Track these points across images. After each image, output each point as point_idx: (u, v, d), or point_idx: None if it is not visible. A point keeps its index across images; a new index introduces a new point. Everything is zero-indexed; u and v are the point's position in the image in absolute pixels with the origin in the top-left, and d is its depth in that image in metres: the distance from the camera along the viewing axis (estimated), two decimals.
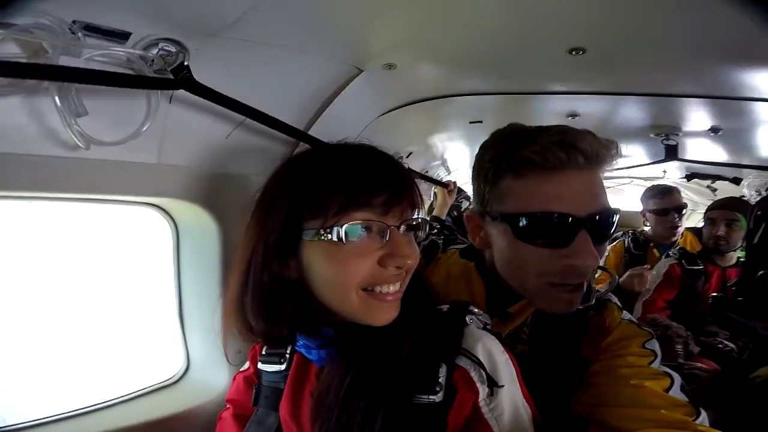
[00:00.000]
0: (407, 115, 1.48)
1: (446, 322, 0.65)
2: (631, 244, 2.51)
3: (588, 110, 1.54)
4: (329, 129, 1.20)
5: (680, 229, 2.39)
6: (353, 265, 0.58)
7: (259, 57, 0.94)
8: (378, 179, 0.59)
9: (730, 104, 1.43)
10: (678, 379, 0.69)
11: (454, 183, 2.26)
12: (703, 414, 0.64)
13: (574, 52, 0.99)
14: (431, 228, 1.08)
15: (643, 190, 3.08)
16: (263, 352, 0.75)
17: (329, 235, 0.57)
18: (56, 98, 0.68)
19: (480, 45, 1.03)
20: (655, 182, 2.84)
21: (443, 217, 2.13)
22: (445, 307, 0.68)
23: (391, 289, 0.61)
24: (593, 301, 0.79)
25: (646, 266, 2.24)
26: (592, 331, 0.77)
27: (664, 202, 2.33)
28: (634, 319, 0.82)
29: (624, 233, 2.59)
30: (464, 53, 1.08)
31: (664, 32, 0.95)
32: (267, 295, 0.62)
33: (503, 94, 1.35)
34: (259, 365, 0.75)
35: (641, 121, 1.64)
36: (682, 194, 2.42)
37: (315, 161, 0.64)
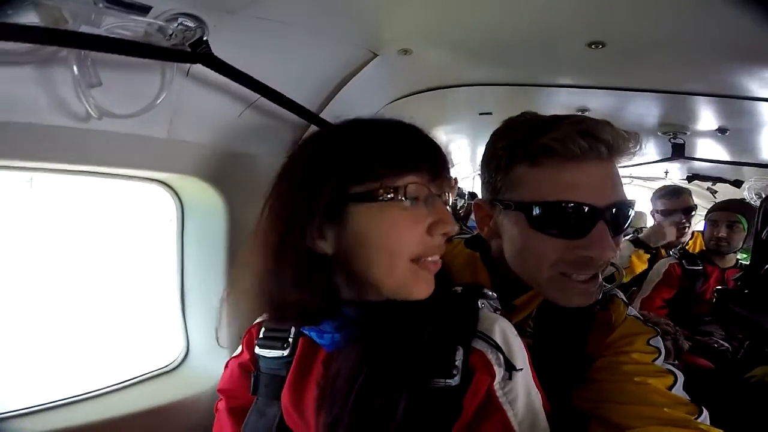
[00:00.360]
0: (416, 104, 1.46)
1: (461, 304, 0.64)
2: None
3: (598, 105, 1.53)
4: (340, 112, 1.17)
5: (689, 230, 2.36)
6: (406, 231, 0.56)
7: (275, 36, 0.93)
8: (425, 146, 0.59)
9: (738, 104, 1.43)
10: (681, 377, 0.69)
11: (455, 179, 2.23)
12: (705, 413, 0.64)
13: (593, 46, 0.98)
14: None
15: (642, 190, 3.09)
16: (261, 336, 0.71)
17: (389, 194, 0.55)
18: (74, 67, 0.66)
19: (499, 34, 1.02)
20: (656, 183, 2.85)
21: None
22: (459, 289, 0.67)
23: (436, 258, 0.60)
24: (600, 296, 0.78)
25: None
26: (597, 326, 0.76)
27: (672, 203, 2.30)
28: (640, 315, 0.82)
29: (635, 231, 2.56)
30: (482, 42, 1.07)
31: (681, 30, 0.94)
32: (305, 267, 0.58)
33: (516, 86, 1.33)
34: (257, 350, 0.71)
35: (650, 119, 1.64)
36: None
37: (355, 130, 0.62)
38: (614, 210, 0.66)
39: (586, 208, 0.65)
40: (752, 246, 0.99)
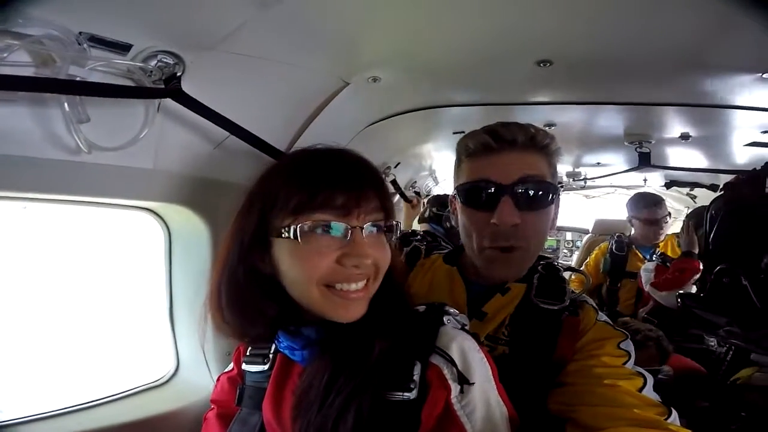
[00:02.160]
0: (393, 127, 1.54)
1: (422, 322, 0.67)
2: (614, 245, 2.65)
3: (564, 120, 1.62)
4: (317, 139, 1.25)
5: (664, 234, 2.55)
6: (310, 263, 0.61)
7: (250, 69, 1.01)
8: (337, 180, 0.62)
9: (698, 112, 1.51)
10: (651, 379, 0.73)
11: (418, 199, 2.38)
12: (674, 413, 0.67)
13: (542, 64, 1.07)
14: (413, 234, 1.14)
15: (625, 198, 3.18)
16: (247, 353, 0.77)
17: (287, 234, 0.60)
18: (65, 104, 0.73)
19: (456, 59, 1.10)
20: (637, 190, 2.94)
21: (409, 230, 2.16)
22: (421, 308, 0.71)
23: (353, 287, 0.62)
24: (567, 302, 0.83)
25: None
26: (565, 331, 0.80)
27: (655, 213, 2.47)
28: (610, 321, 0.85)
29: (611, 236, 2.75)
30: (443, 67, 1.16)
31: (629, 43, 1.02)
32: (241, 290, 0.65)
33: (482, 105, 1.42)
34: (243, 366, 0.76)
35: (615, 129, 1.72)
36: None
37: (284, 164, 0.68)
38: (519, 186, 0.80)
39: (494, 185, 0.80)
40: (704, 251, 1.05)
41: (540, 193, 0.81)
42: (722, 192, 1.21)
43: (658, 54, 1.08)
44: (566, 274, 0.90)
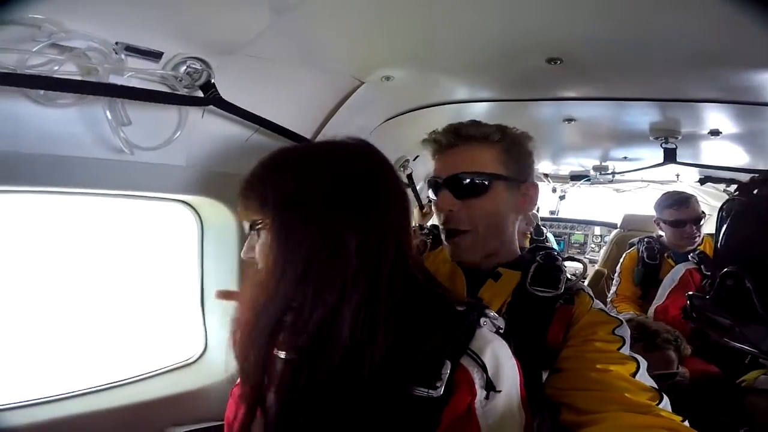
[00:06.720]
0: (410, 122, 1.58)
1: (459, 320, 0.66)
2: (645, 253, 2.37)
3: (584, 115, 1.60)
4: (336, 135, 1.32)
5: (698, 239, 2.26)
6: None
7: (271, 72, 1.09)
8: None
9: (729, 108, 1.46)
10: (644, 364, 0.74)
11: (430, 207, 2.24)
12: (666, 399, 0.69)
13: (552, 62, 1.08)
14: (420, 228, 1.19)
15: (658, 193, 3.06)
16: None
17: None
18: (107, 111, 0.84)
19: (468, 56, 1.13)
20: (670, 186, 2.81)
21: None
22: (461, 307, 0.69)
23: None
24: (562, 290, 0.84)
25: None
26: (557, 318, 0.81)
27: (681, 214, 2.21)
28: (605, 308, 0.86)
29: (639, 240, 2.48)
30: (454, 65, 1.19)
31: (648, 40, 1.01)
32: None
33: (497, 101, 1.43)
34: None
35: (639, 125, 1.68)
36: (699, 199, 2.33)
37: None
38: (452, 179, 0.89)
39: (437, 180, 0.92)
40: (713, 254, 1.03)
41: (476, 181, 0.89)
42: (736, 193, 1.18)
43: (681, 50, 1.05)
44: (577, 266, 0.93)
